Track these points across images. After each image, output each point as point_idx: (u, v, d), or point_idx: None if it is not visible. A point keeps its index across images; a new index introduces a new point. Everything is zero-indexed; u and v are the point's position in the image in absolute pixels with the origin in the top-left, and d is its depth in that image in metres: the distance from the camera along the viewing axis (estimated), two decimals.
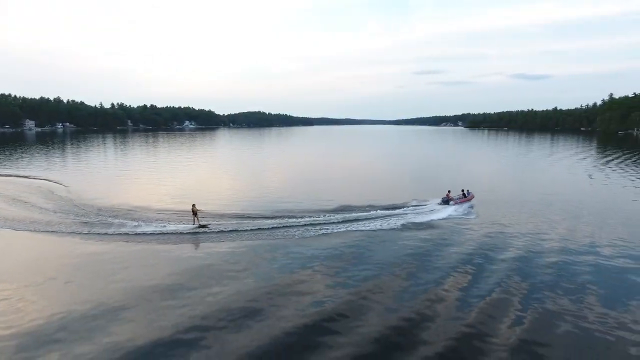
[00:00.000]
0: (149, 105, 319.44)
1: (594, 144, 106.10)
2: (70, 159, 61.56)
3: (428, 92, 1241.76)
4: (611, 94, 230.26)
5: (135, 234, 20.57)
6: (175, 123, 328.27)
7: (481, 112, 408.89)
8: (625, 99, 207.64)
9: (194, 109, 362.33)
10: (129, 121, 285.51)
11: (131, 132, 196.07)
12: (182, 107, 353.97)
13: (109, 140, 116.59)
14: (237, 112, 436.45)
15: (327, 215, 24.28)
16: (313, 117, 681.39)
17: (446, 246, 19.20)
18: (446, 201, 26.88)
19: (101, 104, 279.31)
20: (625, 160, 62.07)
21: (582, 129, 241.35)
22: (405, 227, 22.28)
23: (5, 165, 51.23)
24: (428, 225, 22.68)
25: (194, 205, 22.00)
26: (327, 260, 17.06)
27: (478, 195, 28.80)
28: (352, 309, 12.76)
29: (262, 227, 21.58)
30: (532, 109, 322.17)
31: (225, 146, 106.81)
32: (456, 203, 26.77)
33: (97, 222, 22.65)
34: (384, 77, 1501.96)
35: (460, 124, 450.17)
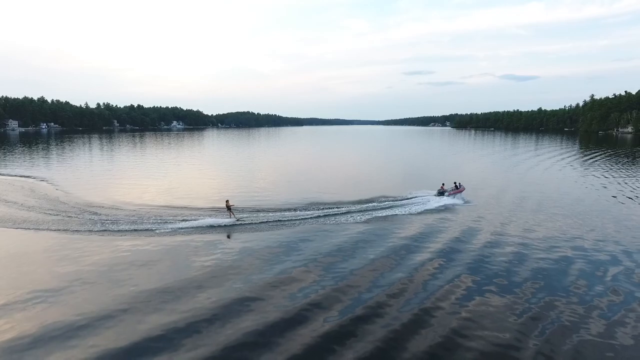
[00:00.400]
0: (135, 105, 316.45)
1: (577, 144, 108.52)
2: (74, 159, 60.87)
3: (417, 93, 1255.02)
4: (592, 95, 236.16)
5: (180, 228, 21.38)
6: (162, 123, 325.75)
7: (469, 113, 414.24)
8: (606, 99, 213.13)
9: (181, 109, 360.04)
10: (116, 121, 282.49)
11: (118, 133, 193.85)
12: (170, 107, 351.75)
13: (102, 141, 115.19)
14: (225, 112, 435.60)
15: (335, 207, 26.34)
16: (302, 117, 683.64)
17: (446, 229, 21.74)
18: (441, 193, 29.74)
19: (87, 103, 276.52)
20: (607, 158, 63.98)
21: (565, 129, 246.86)
22: (410, 215, 24.95)
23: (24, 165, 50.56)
24: (428, 212, 25.56)
25: (227, 201, 23.29)
26: (358, 244, 18.95)
27: (468, 187, 31.31)
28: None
29: (281, 219, 23.25)
30: (518, 110, 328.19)
31: (224, 146, 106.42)
32: (450, 194, 29.54)
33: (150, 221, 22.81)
34: (373, 77, 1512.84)
35: (447, 124, 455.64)
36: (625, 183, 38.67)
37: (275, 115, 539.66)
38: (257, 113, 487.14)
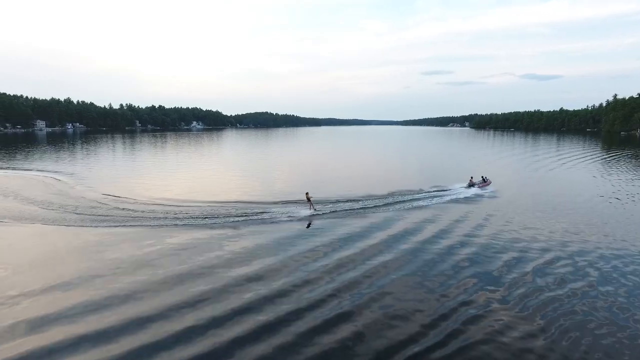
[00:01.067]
0: (157, 106, 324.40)
1: (599, 145, 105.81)
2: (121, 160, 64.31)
3: (435, 93, 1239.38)
4: (615, 95, 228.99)
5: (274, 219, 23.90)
6: (182, 124, 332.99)
7: (488, 113, 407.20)
8: (630, 99, 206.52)
9: (201, 110, 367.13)
10: (137, 122, 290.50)
11: (139, 133, 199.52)
12: (190, 107, 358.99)
13: (131, 140, 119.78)
14: (244, 113, 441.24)
15: (388, 197, 30.09)
16: (320, 117, 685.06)
17: (479, 214, 25.44)
18: (471, 185, 33.52)
19: (110, 104, 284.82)
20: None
21: (587, 129, 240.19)
22: (449, 202, 28.98)
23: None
24: (464, 201, 29.40)
25: (307, 194, 25.40)
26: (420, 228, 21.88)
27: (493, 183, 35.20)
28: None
29: (351, 208, 26.49)
30: (539, 110, 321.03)
31: (259, 146, 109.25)
32: (479, 187, 33.38)
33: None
34: (391, 77, 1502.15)
35: (467, 124, 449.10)
36: None
37: (293, 115, 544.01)
38: (275, 113, 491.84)
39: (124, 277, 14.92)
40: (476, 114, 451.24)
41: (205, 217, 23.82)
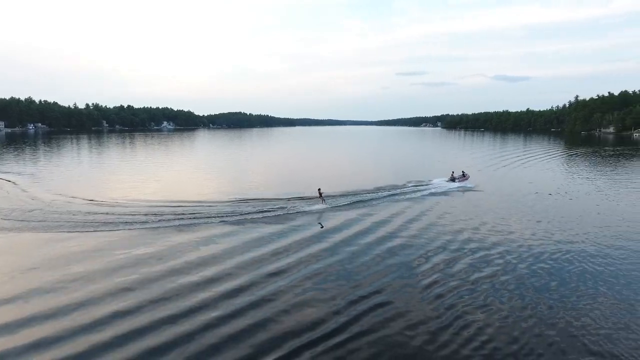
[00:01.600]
0: (125, 106, 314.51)
1: (561, 144, 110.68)
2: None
3: (410, 93, 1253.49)
4: (577, 96, 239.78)
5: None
6: (153, 124, 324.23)
7: (460, 113, 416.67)
8: (590, 100, 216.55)
9: (172, 110, 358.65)
10: (105, 122, 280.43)
11: (107, 133, 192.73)
12: (160, 107, 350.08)
13: (98, 141, 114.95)
14: (217, 113, 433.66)
15: (381, 191, 32.81)
16: (295, 117, 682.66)
17: (461, 204, 29.79)
18: (453, 179, 37.26)
19: (75, 104, 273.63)
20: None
21: (552, 129, 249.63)
22: (435, 194, 32.68)
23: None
24: (448, 194, 33.15)
25: (319, 189, 27.52)
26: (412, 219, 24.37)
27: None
28: None
29: (350, 202, 29.00)
30: (507, 110, 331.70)
31: (241, 145, 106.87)
32: (459, 180, 37.22)
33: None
34: (368, 78, 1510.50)
35: (439, 124, 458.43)
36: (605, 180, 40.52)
37: (267, 115, 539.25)
38: (249, 113, 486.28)
39: (89, 285, 14.13)
40: (448, 114, 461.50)
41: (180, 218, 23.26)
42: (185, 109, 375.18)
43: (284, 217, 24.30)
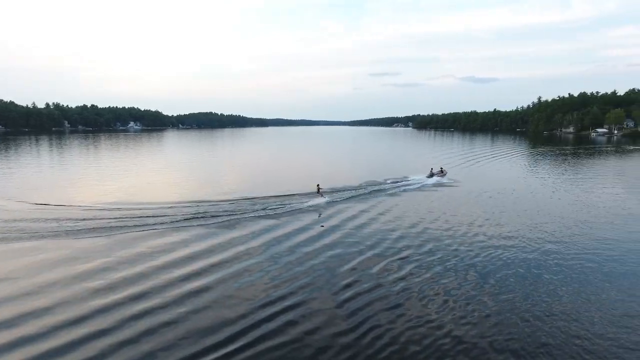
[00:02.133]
0: (89, 105, 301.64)
1: (525, 143, 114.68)
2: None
3: (383, 94, 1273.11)
4: (539, 97, 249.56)
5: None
6: (118, 124, 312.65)
7: (431, 113, 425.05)
8: (552, 101, 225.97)
9: (139, 110, 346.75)
10: (67, 122, 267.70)
11: (68, 134, 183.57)
12: (127, 107, 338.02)
13: (60, 142, 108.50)
14: (187, 113, 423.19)
15: (368, 186, 34.75)
16: (268, 118, 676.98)
17: (439, 198, 31.23)
18: (431, 175, 39.55)
19: (34, 103, 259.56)
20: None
21: (517, 129, 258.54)
22: (417, 189, 34.52)
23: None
24: (427, 188, 35.14)
25: (318, 185, 29.11)
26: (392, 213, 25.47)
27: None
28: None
29: (342, 197, 30.26)
30: (475, 111, 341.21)
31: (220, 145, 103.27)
32: (438, 176, 39.53)
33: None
34: (341, 78, 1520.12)
35: (410, 124, 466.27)
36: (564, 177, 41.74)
37: (239, 116, 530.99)
38: (221, 114, 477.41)
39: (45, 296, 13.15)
40: (419, 115, 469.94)
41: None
42: (153, 109, 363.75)
43: (245, 220, 23.15)
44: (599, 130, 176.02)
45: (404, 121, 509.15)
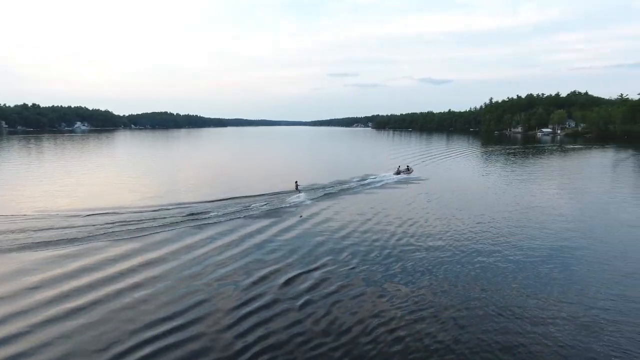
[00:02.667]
0: (30, 104, 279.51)
1: (478, 142, 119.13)
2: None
3: (343, 94, 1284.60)
4: (491, 98, 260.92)
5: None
6: (64, 124, 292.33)
7: (389, 114, 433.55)
8: (502, 102, 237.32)
9: (86, 109, 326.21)
10: (4, 122, 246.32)
11: (6, 135, 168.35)
12: (73, 106, 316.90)
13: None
14: (139, 113, 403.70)
15: (344, 184, 36.33)
16: (227, 118, 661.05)
17: (406, 192, 34.09)
18: (398, 172, 42.02)
19: None
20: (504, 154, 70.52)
21: (471, 129, 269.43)
22: (384, 186, 36.79)
23: None
24: (395, 184, 37.76)
25: (296, 182, 30.81)
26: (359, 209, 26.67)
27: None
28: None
29: (329, 192, 32.61)
30: (431, 111, 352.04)
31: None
32: (404, 173, 42.18)
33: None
34: (301, 78, 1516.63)
35: (369, 124, 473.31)
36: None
37: (196, 115, 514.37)
38: (176, 113, 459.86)
39: None
40: (378, 115, 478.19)
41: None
42: (103, 108, 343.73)
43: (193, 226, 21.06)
44: (544, 130, 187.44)
45: (364, 121, 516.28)
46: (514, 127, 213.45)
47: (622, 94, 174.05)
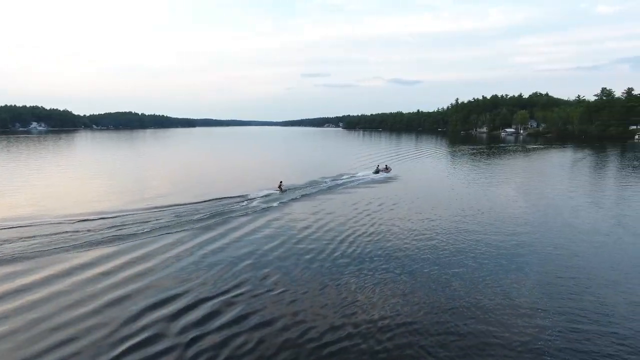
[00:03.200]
0: None
1: (445, 142, 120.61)
2: None
3: (315, 94, 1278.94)
4: (457, 99, 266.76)
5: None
6: (18, 125, 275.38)
7: (360, 114, 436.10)
8: (468, 103, 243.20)
9: (43, 109, 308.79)
10: None
11: None
12: (28, 106, 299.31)
13: None
14: (102, 113, 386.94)
15: (328, 181, 38.07)
16: (196, 118, 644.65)
17: (390, 190, 35.11)
18: (377, 171, 43.81)
19: None
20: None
21: (439, 129, 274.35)
22: (365, 183, 38.47)
23: None
24: (374, 182, 39.29)
25: (280, 182, 32.30)
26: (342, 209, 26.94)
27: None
28: None
29: (309, 192, 32.99)
30: (400, 112, 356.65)
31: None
32: (383, 172, 43.89)
33: None
34: (272, 78, 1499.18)
35: (340, 125, 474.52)
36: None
37: (163, 115, 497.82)
38: (142, 113, 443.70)
39: None
40: (349, 115, 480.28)
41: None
42: (62, 108, 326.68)
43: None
44: (508, 130, 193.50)
45: (335, 121, 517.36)
46: (480, 127, 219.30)
47: (579, 95, 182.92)
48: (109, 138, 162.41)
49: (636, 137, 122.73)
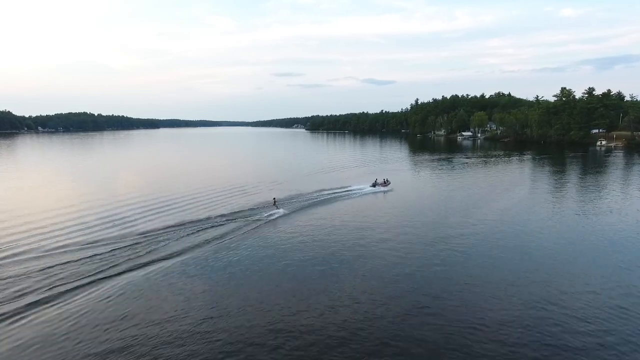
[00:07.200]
0: None
1: (396, 147, 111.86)
2: None
3: (287, 94, 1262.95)
4: (417, 99, 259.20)
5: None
6: None
7: (330, 114, 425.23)
8: (426, 104, 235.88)
9: None
10: None
11: None
12: None
13: None
14: (51, 114, 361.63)
15: (328, 192, 41.28)
16: (160, 118, 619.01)
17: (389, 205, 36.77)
18: (374, 185, 44.39)
19: None
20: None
21: (402, 130, 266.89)
22: (363, 195, 41.30)
23: None
24: (373, 196, 41.49)
25: (274, 198, 34.52)
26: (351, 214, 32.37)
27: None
28: None
29: (300, 208, 35.14)
30: (364, 112, 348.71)
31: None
32: (381, 186, 44.21)
33: None
34: (242, 78, 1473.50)
35: (308, 125, 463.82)
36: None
37: (122, 116, 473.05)
38: (98, 114, 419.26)
39: None
40: (318, 115, 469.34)
41: None
42: (1, 108, 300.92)
43: None
44: (464, 133, 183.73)
45: (304, 122, 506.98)
46: (438, 129, 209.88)
47: (537, 96, 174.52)
48: (42, 143, 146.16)
49: (598, 143, 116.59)
